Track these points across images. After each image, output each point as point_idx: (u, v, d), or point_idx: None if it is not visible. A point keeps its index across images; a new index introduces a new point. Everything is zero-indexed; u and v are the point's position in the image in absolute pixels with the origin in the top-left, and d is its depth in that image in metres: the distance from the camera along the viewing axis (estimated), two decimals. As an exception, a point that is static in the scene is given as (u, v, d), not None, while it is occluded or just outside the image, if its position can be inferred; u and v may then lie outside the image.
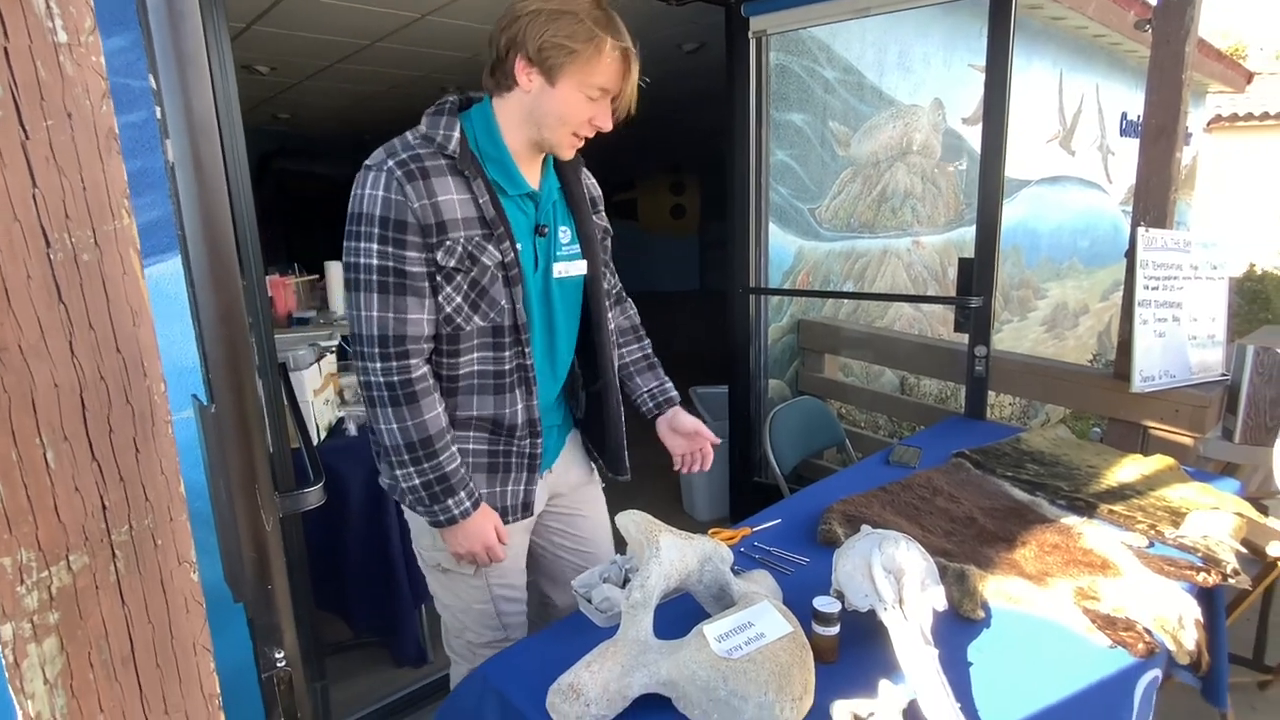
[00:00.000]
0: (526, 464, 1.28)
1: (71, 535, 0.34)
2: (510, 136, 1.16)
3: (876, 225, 3.54)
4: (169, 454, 0.36)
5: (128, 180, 0.38)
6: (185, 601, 0.37)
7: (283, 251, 5.28)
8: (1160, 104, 1.94)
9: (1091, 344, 5.87)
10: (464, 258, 1.12)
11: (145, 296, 0.36)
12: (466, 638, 1.36)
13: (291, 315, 3.14)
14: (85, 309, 0.33)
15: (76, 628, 0.34)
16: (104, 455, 0.34)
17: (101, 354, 0.34)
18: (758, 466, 2.95)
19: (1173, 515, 1.49)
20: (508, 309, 1.17)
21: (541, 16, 1.07)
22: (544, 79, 1.10)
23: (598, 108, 1.14)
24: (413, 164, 1.10)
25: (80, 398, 0.33)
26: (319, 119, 5.80)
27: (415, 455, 1.14)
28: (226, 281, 0.73)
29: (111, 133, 0.33)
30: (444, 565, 1.29)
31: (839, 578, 1.15)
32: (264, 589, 0.81)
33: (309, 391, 1.99)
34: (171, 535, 0.37)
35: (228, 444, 0.79)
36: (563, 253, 1.26)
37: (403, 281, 1.10)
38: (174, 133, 0.70)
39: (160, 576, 0.37)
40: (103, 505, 0.35)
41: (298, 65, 3.97)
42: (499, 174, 1.17)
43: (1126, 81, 5.70)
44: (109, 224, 0.33)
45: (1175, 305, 2.07)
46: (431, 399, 1.15)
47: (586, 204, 1.31)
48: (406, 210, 1.08)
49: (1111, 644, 1.11)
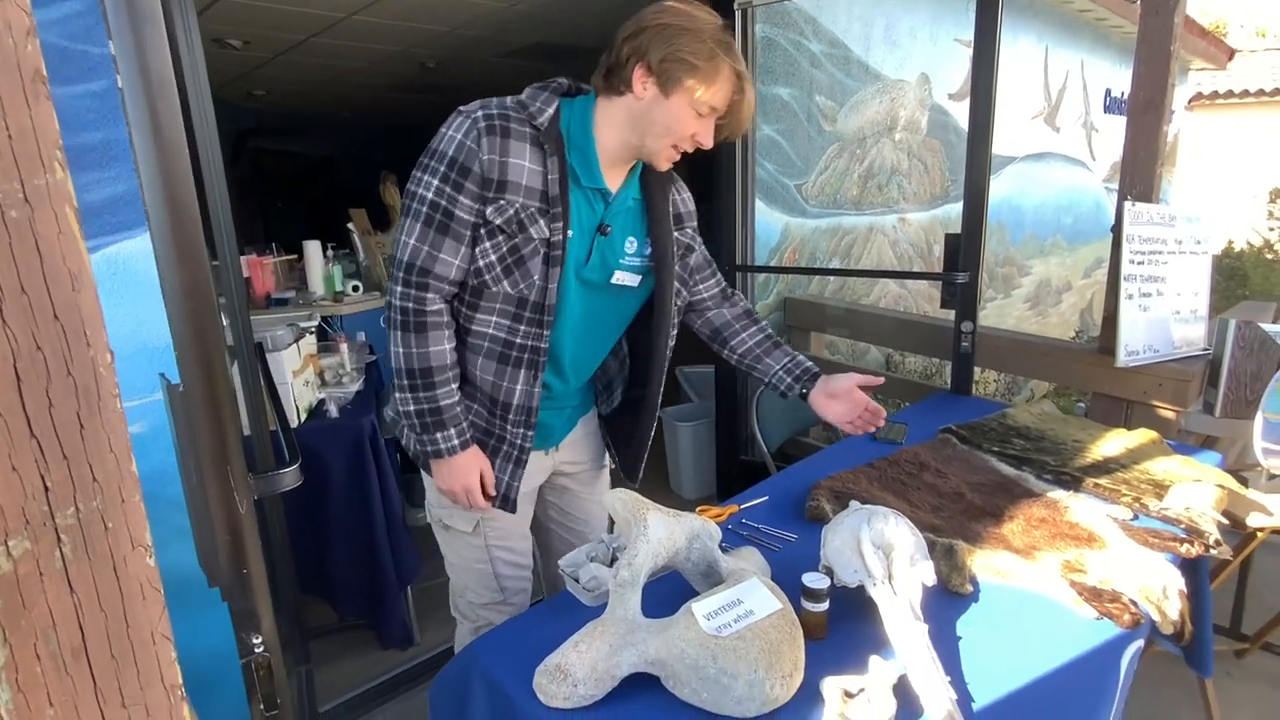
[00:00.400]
0: (515, 455, 1.28)
1: (10, 519, 0.31)
2: (604, 135, 1.19)
3: (863, 202, 3.52)
4: (118, 430, 0.34)
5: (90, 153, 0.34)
6: (141, 588, 0.35)
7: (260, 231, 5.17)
8: (1148, 76, 1.92)
9: (1074, 321, 5.92)
10: (512, 221, 1.14)
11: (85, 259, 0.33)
12: (468, 597, 1.40)
13: (270, 296, 3.07)
14: (16, 271, 0.30)
15: (20, 618, 0.31)
16: (44, 432, 0.32)
17: (37, 321, 0.31)
18: (744, 445, 2.94)
19: (1156, 488, 1.50)
20: (539, 286, 1.17)
21: (668, 31, 1.11)
22: (659, 89, 1.13)
23: (703, 125, 1.17)
24: (499, 120, 1.13)
25: (14, 369, 0.31)
26: (296, 96, 5.65)
27: (414, 383, 1.18)
28: (192, 253, 0.70)
29: (39, 75, 0.30)
30: (445, 521, 1.34)
31: (828, 554, 1.14)
32: (239, 573, 0.78)
33: (287, 373, 1.94)
34: (124, 517, 0.34)
35: (197, 424, 0.76)
36: (624, 262, 1.27)
37: (447, 222, 1.13)
38: (130, 95, 0.66)
39: (112, 562, 0.34)
40: (44, 486, 0.32)
41: (272, 39, 3.86)
42: (578, 161, 1.19)
43: (1111, 58, 5.69)
44: (40, 178, 0.30)
45: (1160, 280, 2.08)
46: (441, 334, 1.18)
47: (667, 219, 1.30)
48: (475, 159, 1.11)
49: (1098, 615, 1.11)
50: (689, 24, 1.11)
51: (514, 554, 1.38)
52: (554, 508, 1.49)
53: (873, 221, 3.60)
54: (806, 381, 1.44)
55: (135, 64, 0.66)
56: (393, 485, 2.12)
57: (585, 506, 1.50)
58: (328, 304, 3.05)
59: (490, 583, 1.37)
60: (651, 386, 1.38)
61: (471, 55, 4.22)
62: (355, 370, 2.42)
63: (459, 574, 1.40)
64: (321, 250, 3.18)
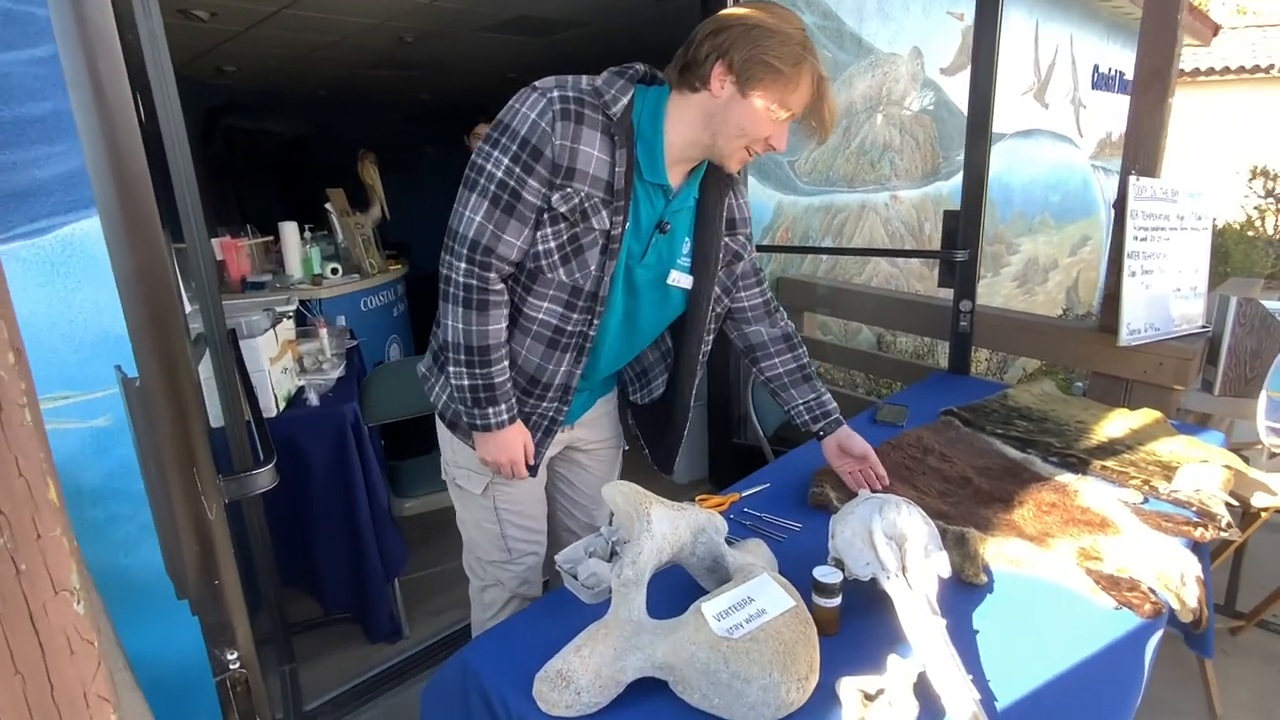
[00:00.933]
0: (545, 425, 1.29)
1: (-116, 566, 0.24)
2: (674, 131, 1.16)
3: (855, 179, 3.45)
4: (28, 448, 0.27)
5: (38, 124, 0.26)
6: (68, 641, 0.28)
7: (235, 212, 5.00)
8: (1154, 46, 1.86)
9: (1060, 299, 5.92)
10: (576, 210, 1.12)
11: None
12: (477, 554, 1.41)
13: (245, 280, 2.96)
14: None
15: (-96, 689, 0.25)
16: (-72, 453, 0.25)
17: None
18: (737, 427, 2.90)
19: (1164, 470, 1.47)
20: (595, 276, 1.16)
21: (755, 32, 1.08)
22: (737, 89, 1.10)
23: (778, 128, 1.14)
24: (574, 105, 1.10)
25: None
26: (268, 72, 5.45)
27: (471, 359, 1.17)
28: (143, 231, 0.62)
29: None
30: (459, 482, 1.36)
31: (838, 545, 1.09)
32: (210, 585, 0.71)
33: (264, 360, 1.85)
34: (40, 556, 0.27)
35: (158, 422, 0.68)
36: (680, 262, 1.26)
37: (515, 203, 1.11)
38: (65, 49, 0.57)
39: (28, 611, 0.27)
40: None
41: (241, 11, 3.68)
42: (644, 154, 1.16)
43: (1099, 34, 5.64)
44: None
45: (1161, 256, 2.04)
46: (500, 313, 1.17)
47: (717, 221, 1.27)
48: (548, 143, 1.09)
49: (1117, 605, 1.07)
50: (774, 26, 1.08)
51: (524, 518, 1.38)
52: (563, 479, 1.50)
53: (865, 199, 3.54)
54: (825, 425, 1.44)
55: (70, 13, 0.57)
56: (377, 474, 2.04)
57: (594, 484, 1.49)
58: (306, 287, 2.94)
59: (499, 543, 1.38)
60: (681, 390, 1.38)
61: (450, 29, 4.07)
62: (336, 356, 2.33)
63: (469, 530, 1.41)
64: (298, 232, 3.07)
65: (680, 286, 1.27)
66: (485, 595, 1.43)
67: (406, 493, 2.19)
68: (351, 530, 1.99)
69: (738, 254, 1.33)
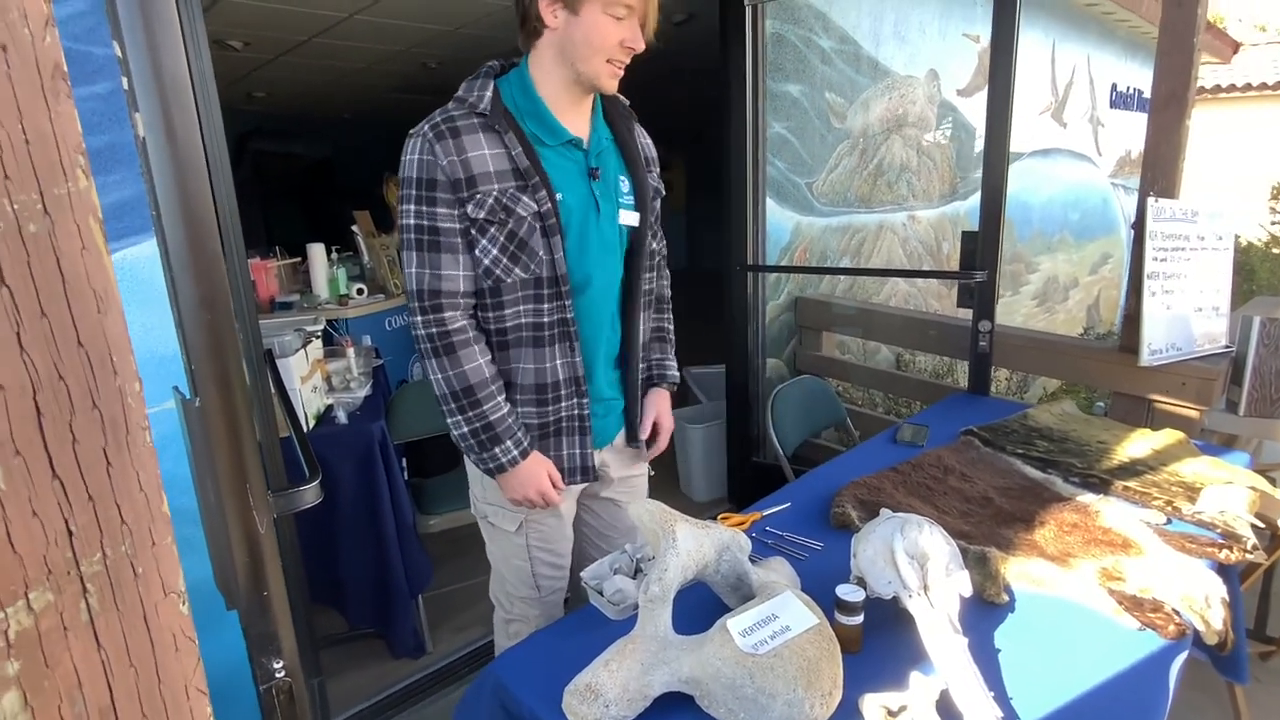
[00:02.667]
0: (577, 425, 1.28)
1: (30, 569, 0.27)
2: (546, 86, 1.17)
3: (873, 199, 3.48)
4: (148, 466, 0.30)
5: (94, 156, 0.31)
6: (174, 639, 0.32)
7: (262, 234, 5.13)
8: (1171, 68, 1.88)
9: (1081, 317, 5.88)
10: (496, 209, 1.13)
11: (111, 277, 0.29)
12: (506, 588, 1.41)
13: (274, 300, 3.04)
14: (35, 292, 0.27)
15: (43, 679, 0.28)
16: (67, 471, 0.28)
17: (59, 348, 0.28)
18: (756, 446, 2.91)
19: (1188, 491, 1.47)
20: (546, 260, 1.17)
21: None
22: (567, 10, 1.11)
23: (626, 28, 1.13)
24: (444, 124, 1.13)
25: (34, 402, 0.27)
26: (296, 97, 5.61)
27: (460, 404, 1.18)
28: (208, 263, 0.66)
29: (59, 70, 0.27)
30: (489, 519, 1.35)
31: (860, 564, 1.11)
32: (259, 596, 0.75)
33: (296, 379, 1.91)
34: (154, 562, 0.31)
35: (215, 441, 0.72)
36: (624, 201, 1.26)
37: (436, 239, 1.14)
38: (144, 102, 0.62)
39: (143, 611, 0.31)
40: (68, 531, 0.29)
41: (272, 40, 3.82)
42: (537, 126, 1.18)
43: (1117, 52, 5.64)
44: (61, 186, 0.27)
45: (1182, 276, 2.04)
46: (471, 350, 1.17)
47: (641, 158, 1.29)
48: (436, 169, 1.12)
49: (1141, 626, 1.08)
50: None
51: (554, 555, 1.38)
52: (590, 513, 1.47)
53: (882, 219, 3.56)
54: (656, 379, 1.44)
55: (148, 66, 0.62)
56: (403, 491, 2.08)
57: (623, 517, 1.46)
58: (333, 307, 3.01)
59: (528, 580, 1.38)
60: (634, 334, 1.33)
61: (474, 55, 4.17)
62: (363, 375, 2.38)
63: (499, 564, 1.41)
64: (325, 253, 3.15)
65: (628, 224, 1.27)
66: (510, 627, 1.43)
67: (430, 509, 2.23)
68: (378, 546, 2.03)
69: (658, 190, 1.35)
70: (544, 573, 1.37)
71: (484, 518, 1.37)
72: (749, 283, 2.74)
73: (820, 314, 3.09)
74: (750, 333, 2.80)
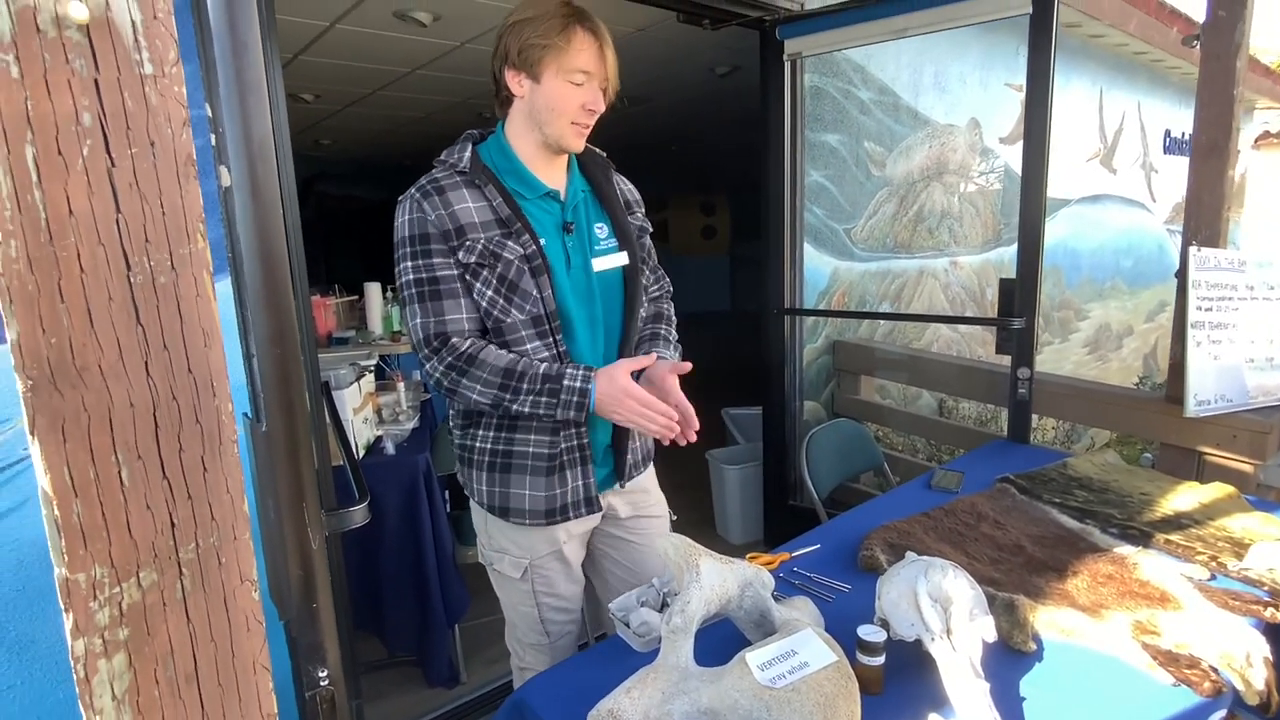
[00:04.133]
0: (578, 455, 1.30)
1: (142, 552, 0.34)
2: (521, 146, 1.26)
3: (913, 245, 3.50)
4: (234, 473, 0.37)
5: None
6: (246, 620, 0.38)
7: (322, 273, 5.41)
8: (1211, 120, 1.89)
9: (1137, 366, 5.70)
10: (485, 254, 1.20)
11: (216, 318, 0.37)
12: (517, 634, 1.44)
13: (331, 335, 3.20)
14: (161, 330, 0.34)
15: (144, 644, 0.34)
16: (174, 473, 0.35)
17: (174, 374, 0.35)
18: (793, 489, 2.90)
19: (1235, 546, 1.43)
20: (539, 298, 1.22)
21: (516, 27, 1.19)
22: (531, 80, 1.20)
23: (586, 92, 1.21)
24: (429, 185, 1.22)
25: (153, 417, 0.34)
26: (359, 144, 5.96)
27: (511, 387, 1.19)
28: (280, 303, 0.75)
29: (190, 159, 0.34)
30: (495, 566, 1.38)
31: (883, 606, 1.12)
32: (309, 607, 0.82)
33: (349, 410, 2.02)
34: (235, 554, 0.37)
35: (278, 462, 0.80)
36: (600, 247, 1.31)
37: (436, 288, 1.20)
38: (234, 158, 0.72)
39: (223, 594, 0.37)
40: (171, 523, 0.35)
41: (340, 93, 4.10)
42: (515, 182, 1.26)
43: (1169, 98, 5.58)
44: (185, 247, 0.34)
45: (1230, 327, 2.00)
46: (488, 350, 1.20)
47: (620, 203, 1.36)
48: (426, 223, 1.20)
49: (1175, 682, 1.05)
50: (531, 14, 1.18)
51: (561, 599, 1.40)
52: (609, 558, 1.47)
53: (923, 265, 3.57)
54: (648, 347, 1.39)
55: (239, 129, 0.72)
56: (444, 522, 2.16)
57: (644, 558, 1.46)
58: (385, 343, 3.16)
59: (536, 626, 1.40)
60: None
61: (526, 106, 4.40)
62: (411, 408, 2.49)
63: (508, 611, 1.44)
64: (381, 291, 3.31)
65: (616, 266, 1.31)
66: (524, 675, 1.45)
67: (469, 541, 2.29)
68: (418, 574, 2.09)
69: (643, 228, 1.40)
70: (552, 618, 1.39)
71: (491, 565, 1.39)
72: (786, 326, 2.78)
73: (859, 358, 3.09)
74: (787, 375, 2.82)
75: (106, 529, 0.32)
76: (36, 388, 0.30)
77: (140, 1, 0.30)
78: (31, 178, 0.29)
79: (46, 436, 0.31)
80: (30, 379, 0.30)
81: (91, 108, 0.31)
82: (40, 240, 0.29)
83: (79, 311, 0.30)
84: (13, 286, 0.29)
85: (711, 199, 8.57)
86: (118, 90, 0.31)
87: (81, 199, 0.31)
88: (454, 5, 2.70)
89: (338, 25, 2.89)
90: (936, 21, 2.23)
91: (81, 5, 0.29)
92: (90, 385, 0.31)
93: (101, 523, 0.32)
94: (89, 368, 0.31)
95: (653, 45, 3.17)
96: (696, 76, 3.86)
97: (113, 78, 0.31)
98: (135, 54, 0.31)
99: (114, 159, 0.32)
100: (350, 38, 3.05)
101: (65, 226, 0.30)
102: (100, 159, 0.31)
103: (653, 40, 3.07)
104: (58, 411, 0.31)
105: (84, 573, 0.32)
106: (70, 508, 0.31)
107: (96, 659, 0.32)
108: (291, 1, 2.59)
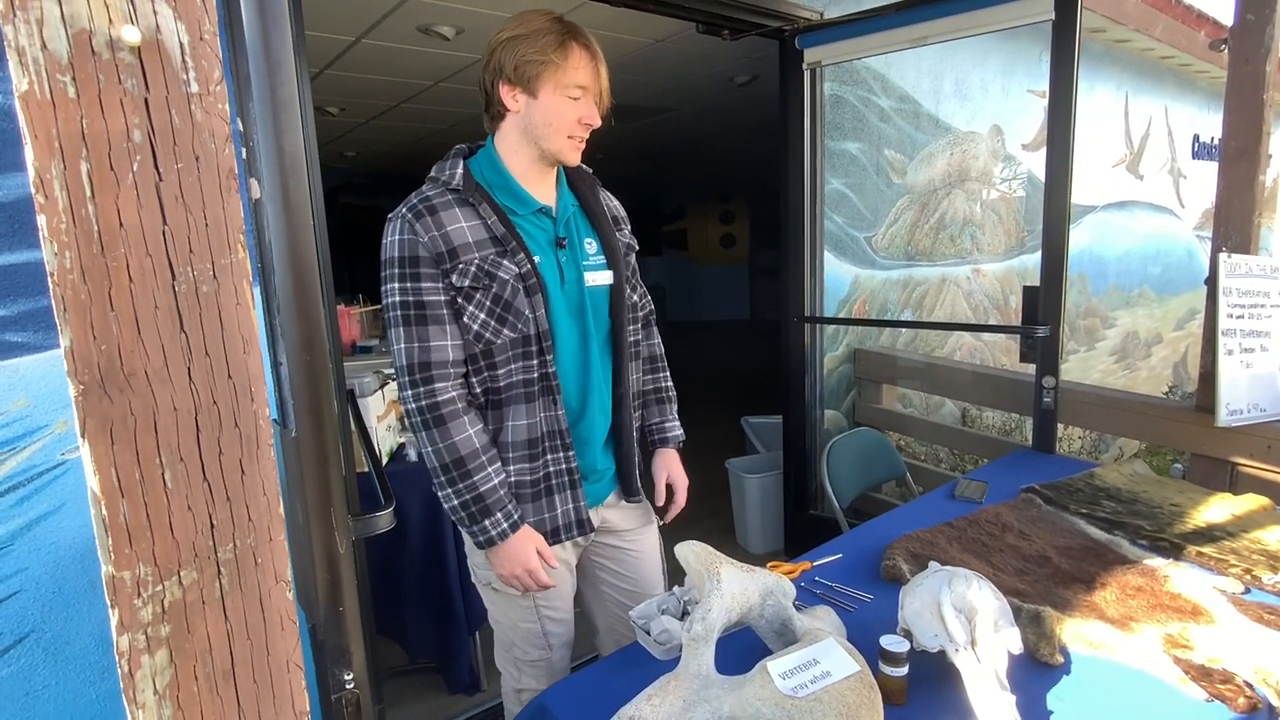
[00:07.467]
0: (567, 480, 1.30)
1: (183, 551, 0.35)
2: (512, 161, 1.25)
3: (935, 253, 3.47)
4: (270, 476, 0.38)
5: None
6: (281, 619, 0.39)
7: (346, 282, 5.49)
8: (1240, 125, 1.86)
9: (1166, 375, 5.58)
10: (479, 275, 1.19)
11: (255, 326, 0.38)
12: (514, 654, 1.41)
13: (355, 344, 3.25)
14: (203, 337, 0.35)
15: (185, 641, 0.36)
16: (214, 475, 0.36)
17: (215, 380, 0.36)
18: (813, 498, 2.88)
19: (1270, 559, 1.40)
20: (531, 318, 1.22)
21: (510, 43, 1.18)
22: (527, 95, 1.20)
23: (582, 106, 1.22)
24: (421, 205, 1.20)
25: (195, 421, 0.36)
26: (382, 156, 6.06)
27: (450, 476, 1.20)
28: (310, 311, 0.77)
29: (232, 173, 0.36)
30: (494, 585, 1.34)
31: (906, 616, 1.11)
32: (335, 610, 0.83)
33: (373, 418, 2.05)
34: (270, 554, 0.38)
35: (306, 468, 0.82)
36: (590, 262, 1.32)
37: (423, 313, 1.19)
38: (266, 171, 0.74)
39: (259, 594, 0.38)
40: (211, 523, 0.36)
41: (365, 106, 4.18)
42: (507, 198, 1.25)
43: (1198, 103, 5.49)
44: (226, 258, 0.36)
45: (1264, 334, 1.96)
46: (461, 421, 1.20)
47: (608, 219, 1.36)
48: (418, 246, 1.18)
49: (1208, 697, 1.03)
50: (525, 31, 1.18)
51: (559, 611, 1.39)
52: (606, 569, 1.47)
53: (945, 272, 3.54)
54: (658, 442, 1.50)
55: (273, 143, 0.75)
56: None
57: (639, 564, 1.47)
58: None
59: (539, 640, 1.38)
60: (624, 384, 1.36)
61: (547, 117, 4.45)
62: (433, 416, 2.51)
63: (505, 630, 1.40)
64: (404, 301, 3.35)
65: (601, 284, 1.31)
66: (522, 695, 1.42)
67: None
68: (440, 583, 2.11)
69: (630, 246, 1.40)
70: (553, 629, 1.38)
71: (487, 584, 1.36)
72: (806, 334, 2.77)
73: (880, 366, 3.07)
74: (807, 384, 2.81)
75: (150, 528, 0.34)
76: (87, 392, 0.32)
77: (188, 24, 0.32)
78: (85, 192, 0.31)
79: (96, 439, 0.32)
80: (82, 384, 0.32)
81: (141, 125, 0.32)
82: (93, 251, 0.31)
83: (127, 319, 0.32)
84: (67, 296, 0.31)
85: (730, 207, 8.58)
86: (166, 108, 0.33)
87: (131, 212, 0.32)
88: (476, 19, 2.75)
89: (363, 40, 2.95)
90: (957, 29, 2.22)
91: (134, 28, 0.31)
92: (137, 390, 0.33)
93: (146, 522, 0.33)
94: (136, 373, 0.33)
95: (672, 56, 3.20)
96: (716, 86, 3.88)
97: (161, 96, 0.32)
98: (183, 74, 0.33)
99: (161, 174, 0.33)
100: (375, 52, 3.11)
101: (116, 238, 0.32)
102: (149, 173, 0.33)
103: (672, 51, 3.09)
104: (106, 415, 0.32)
105: (129, 570, 0.33)
106: (117, 508, 0.33)
107: (140, 655, 0.33)
108: (318, 17, 2.65)
